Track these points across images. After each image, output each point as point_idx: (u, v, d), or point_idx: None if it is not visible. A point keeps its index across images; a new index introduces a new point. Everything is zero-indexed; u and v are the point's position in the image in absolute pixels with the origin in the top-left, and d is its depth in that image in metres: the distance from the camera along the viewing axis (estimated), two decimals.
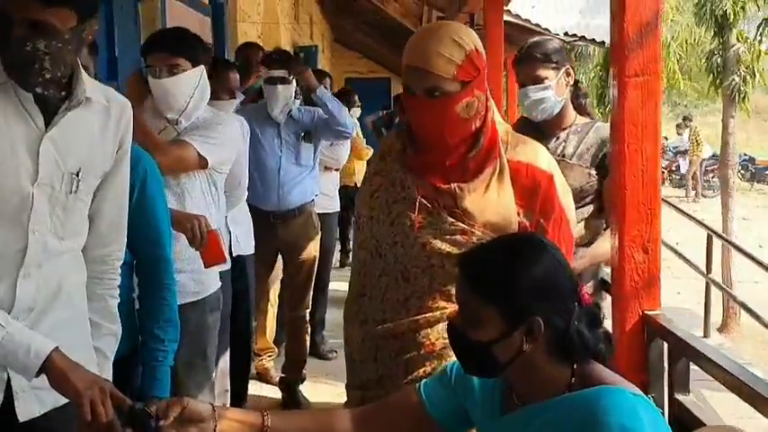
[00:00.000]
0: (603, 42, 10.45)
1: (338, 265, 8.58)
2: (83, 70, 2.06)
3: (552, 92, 3.10)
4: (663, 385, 2.70)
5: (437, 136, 2.25)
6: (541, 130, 3.13)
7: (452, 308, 2.23)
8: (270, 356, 5.70)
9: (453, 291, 2.22)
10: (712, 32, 13.26)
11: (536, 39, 3.26)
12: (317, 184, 5.35)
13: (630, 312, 2.66)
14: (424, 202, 2.28)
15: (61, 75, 1.96)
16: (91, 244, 2.19)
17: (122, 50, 4.45)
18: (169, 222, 2.59)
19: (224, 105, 4.11)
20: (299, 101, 5.18)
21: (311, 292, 5.43)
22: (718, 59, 12.83)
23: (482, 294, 1.67)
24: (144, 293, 2.55)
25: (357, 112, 9.04)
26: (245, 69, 5.24)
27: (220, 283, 3.30)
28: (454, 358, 1.82)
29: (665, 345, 2.68)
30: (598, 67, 14.52)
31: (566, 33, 10.14)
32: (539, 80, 3.10)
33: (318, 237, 5.36)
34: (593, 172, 3.12)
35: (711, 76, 13.10)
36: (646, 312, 2.68)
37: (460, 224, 2.26)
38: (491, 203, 2.27)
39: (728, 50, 13.02)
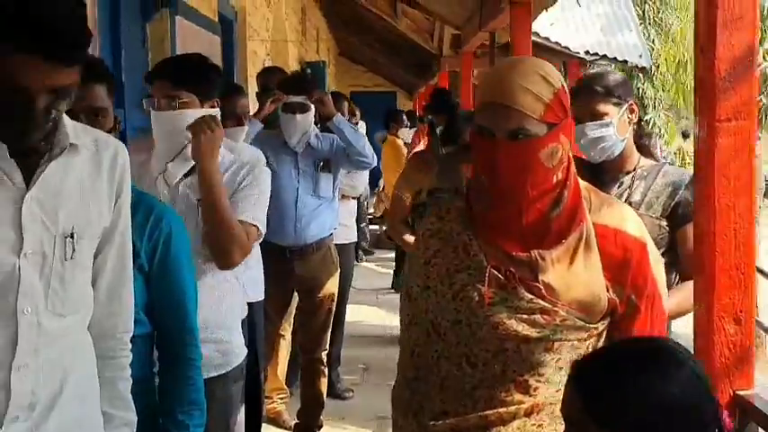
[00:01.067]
0: (626, 61, 10.18)
1: None
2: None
3: (614, 129, 2.75)
4: None
5: (517, 186, 1.88)
6: (600, 173, 2.78)
7: (530, 403, 1.90)
8: (282, 399, 5.33)
9: (531, 381, 1.89)
10: None
11: (596, 70, 2.94)
12: (336, 217, 5.00)
13: (720, 393, 2.29)
14: (496, 273, 1.92)
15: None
16: (92, 316, 1.86)
17: (129, 75, 4.12)
18: (195, 286, 2.25)
19: (231, 133, 3.76)
20: (316, 128, 4.82)
21: (329, 332, 5.06)
22: None
23: (598, 416, 1.32)
24: (165, 370, 2.21)
25: (362, 128, 8.71)
26: (264, 96, 4.90)
27: (246, 351, 2.94)
28: None
29: None
30: None
31: (586, 52, 9.84)
32: (598, 116, 2.75)
33: (338, 273, 5.00)
34: (664, 223, 2.77)
35: None
36: (737, 393, 2.32)
37: (541, 302, 1.89)
38: (578, 277, 1.91)
39: None
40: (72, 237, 1.73)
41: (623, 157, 2.83)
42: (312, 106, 4.66)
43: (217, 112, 2.81)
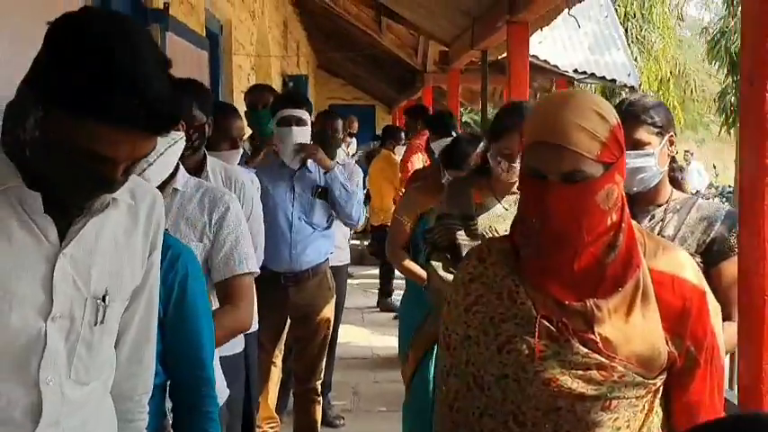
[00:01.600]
0: (614, 80, 10.09)
1: None
2: None
3: (655, 160, 2.60)
4: None
5: (571, 231, 1.72)
6: (632, 204, 2.62)
7: None
8: (272, 428, 5.12)
9: None
10: (725, 70, 12.91)
11: (636, 96, 2.75)
12: (332, 242, 4.83)
13: None
14: (546, 323, 1.76)
15: None
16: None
17: None
18: (212, 331, 2.08)
19: (226, 156, 3.60)
20: None
21: (324, 361, 4.88)
22: (732, 98, 12.42)
23: None
24: (180, 422, 2.04)
25: (353, 145, 8.54)
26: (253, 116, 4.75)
27: (227, 393, 2.74)
28: None
29: None
30: None
31: (575, 71, 9.75)
32: (640, 145, 2.60)
33: (334, 299, 4.83)
34: (698, 259, 2.62)
35: (724, 115, 12.67)
36: None
37: (597, 356, 1.73)
38: (636, 329, 1.75)
39: None
40: (104, 299, 1.57)
41: (657, 190, 2.68)
42: (308, 121, 4.50)
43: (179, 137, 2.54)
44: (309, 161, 4.56)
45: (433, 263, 3.41)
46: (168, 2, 4.73)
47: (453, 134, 5.70)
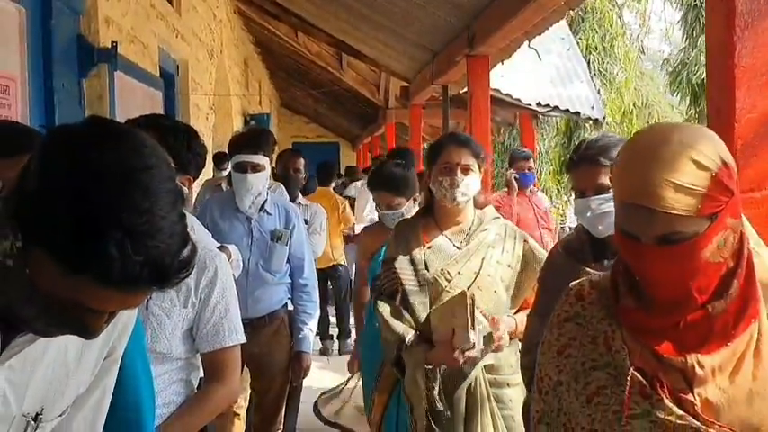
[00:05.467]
0: (578, 113, 10.05)
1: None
2: None
3: None
4: None
5: (679, 294, 1.51)
6: (606, 246, 2.50)
7: None
8: None
9: None
10: (687, 101, 12.98)
11: (596, 137, 2.61)
12: (289, 289, 4.59)
13: None
14: (639, 377, 1.55)
15: None
16: None
17: None
18: (153, 393, 1.92)
19: None
20: (273, 194, 4.48)
21: (283, 410, 4.67)
22: None
23: None
24: None
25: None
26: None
27: None
28: None
29: None
30: (560, 135, 14.18)
31: (538, 104, 9.69)
32: (603, 189, 2.47)
33: (290, 343, 4.62)
34: None
35: None
36: None
37: (693, 420, 1.51)
38: (744, 391, 1.53)
39: (705, 119, 12.64)
40: (35, 419, 1.38)
41: None
42: (267, 166, 4.32)
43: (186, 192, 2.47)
44: (269, 203, 4.39)
45: (380, 307, 3.26)
46: (117, 42, 4.58)
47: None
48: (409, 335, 3.15)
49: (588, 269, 2.42)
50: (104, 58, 4.42)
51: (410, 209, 4.02)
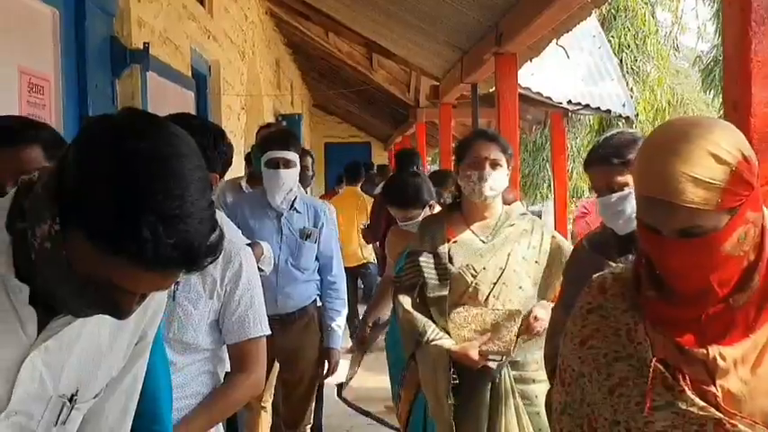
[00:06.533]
0: (609, 111, 10.01)
1: None
2: None
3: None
4: None
5: (700, 287, 1.53)
6: (630, 242, 2.52)
7: None
8: None
9: None
10: (720, 99, 12.89)
11: (607, 136, 2.63)
12: (318, 284, 4.65)
13: None
14: (661, 369, 1.57)
15: None
16: None
17: None
18: (170, 385, 1.97)
19: None
20: (303, 191, 4.53)
21: (313, 404, 4.73)
22: None
23: None
24: None
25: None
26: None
27: None
28: None
29: None
30: (592, 133, 14.12)
31: (569, 102, 9.67)
32: (617, 187, 2.51)
33: (320, 339, 4.68)
34: None
35: None
36: None
37: (715, 411, 1.53)
38: (765, 383, 1.54)
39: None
40: (71, 400, 1.44)
41: None
42: (297, 162, 4.39)
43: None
44: (298, 201, 4.45)
45: (400, 297, 3.30)
46: (149, 42, 4.66)
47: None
48: (429, 330, 3.19)
49: (612, 263, 2.45)
50: (137, 58, 4.50)
51: (427, 214, 4.05)
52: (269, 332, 2.61)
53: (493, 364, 3.15)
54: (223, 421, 2.64)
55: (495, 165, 3.22)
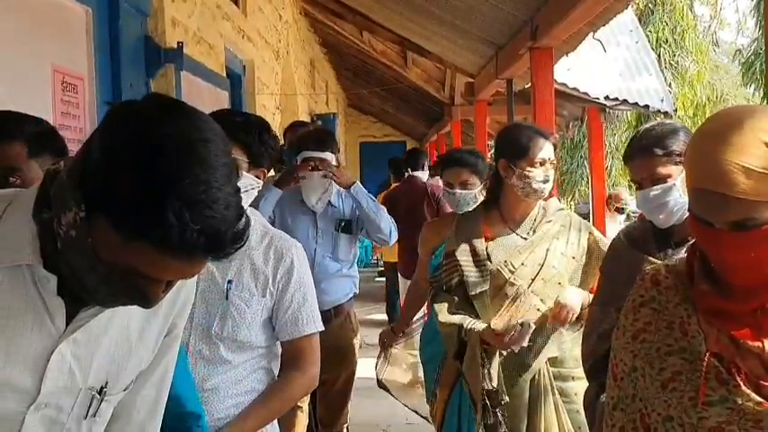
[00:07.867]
0: (647, 106, 9.87)
1: None
2: None
3: (679, 192, 2.41)
4: None
5: (757, 281, 1.49)
6: (669, 235, 2.46)
7: None
8: None
9: None
10: (762, 92, 12.67)
11: (648, 126, 2.55)
12: (356, 281, 4.65)
13: None
14: (716, 362, 1.54)
15: None
16: None
17: None
18: (194, 387, 1.94)
19: None
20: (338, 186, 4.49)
21: (349, 404, 4.70)
22: None
23: None
24: None
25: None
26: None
27: None
28: None
29: None
30: (630, 129, 13.96)
31: (606, 97, 9.55)
32: (660, 179, 2.43)
33: (358, 338, 4.65)
34: None
35: None
36: None
37: None
38: None
39: None
40: (100, 392, 1.42)
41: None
42: (333, 163, 4.36)
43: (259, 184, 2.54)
44: (334, 196, 4.43)
45: (436, 306, 3.26)
46: (183, 42, 4.66)
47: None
48: (467, 320, 3.15)
49: (651, 258, 2.39)
50: (171, 58, 4.50)
51: (478, 196, 4.00)
52: (322, 328, 2.59)
53: (518, 347, 3.09)
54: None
55: (551, 164, 3.19)
